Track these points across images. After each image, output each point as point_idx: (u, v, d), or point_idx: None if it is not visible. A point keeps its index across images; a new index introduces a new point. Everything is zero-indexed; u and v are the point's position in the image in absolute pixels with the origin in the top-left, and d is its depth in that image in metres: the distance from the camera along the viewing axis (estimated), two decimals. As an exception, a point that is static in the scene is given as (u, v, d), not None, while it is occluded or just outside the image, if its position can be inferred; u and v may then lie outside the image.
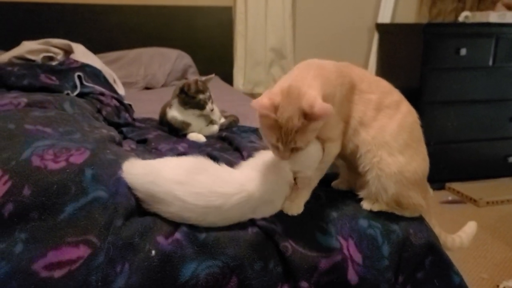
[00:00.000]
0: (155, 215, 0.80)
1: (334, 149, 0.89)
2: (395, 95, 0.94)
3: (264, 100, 0.76)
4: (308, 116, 0.75)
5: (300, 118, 0.75)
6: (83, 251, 0.71)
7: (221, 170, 0.86)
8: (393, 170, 0.87)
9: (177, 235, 0.76)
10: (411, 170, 0.88)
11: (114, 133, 1.09)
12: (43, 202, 0.74)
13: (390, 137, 0.88)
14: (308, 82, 0.80)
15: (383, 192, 0.88)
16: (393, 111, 0.91)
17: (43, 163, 0.79)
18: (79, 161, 0.81)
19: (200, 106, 1.39)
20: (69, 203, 0.75)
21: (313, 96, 0.76)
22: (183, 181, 0.79)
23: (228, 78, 3.01)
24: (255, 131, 1.41)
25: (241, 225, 0.82)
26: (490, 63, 2.64)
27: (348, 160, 0.96)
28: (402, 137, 0.89)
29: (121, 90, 1.91)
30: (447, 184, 2.74)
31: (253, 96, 2.88)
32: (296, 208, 0.87)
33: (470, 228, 1.07)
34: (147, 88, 2.66)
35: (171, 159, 0.88)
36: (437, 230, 0.97)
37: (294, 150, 0.80)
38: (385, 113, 0.90)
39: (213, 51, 3.00)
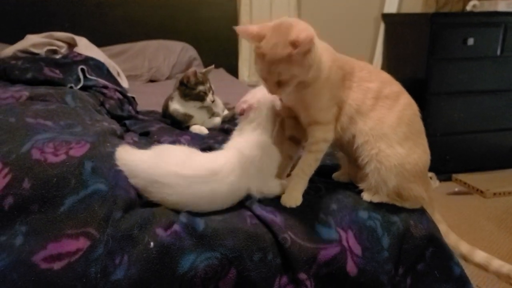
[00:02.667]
0: (154, 207, 0.81)
1: (322, 133, 0.87)
2: (394, 86, 0.93)
3: (252, 27, 0.76)
4: (293, 44, 0.73)
5: (285, 47, 0.73)
6: (82, 243, 0.72)
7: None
8: (393, 162, 0.86)
9: (176, 227, 0.77)
10: (411, 162, 0.87)
11: (115, 126, 1.09)
12: (43, 195, 0.75)
13: (389, 129, 0.87)
14: (306, 26, 0.78)
15: (383, 184, 0.87)
16: (393, 102, 0.90)
17: (43, 156, 0.79)
18: (79, 154, 0.82)
19: (200, 97, 1.39)
20: (68, 195, 0.76)
21: (305, 26, 0.76)
22: (184, 160, 0.82)
23: (233, 70, 3.00)
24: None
25: (240, 217, 0.82)
26: (498, 52, 2.59)
27: (346, 152, 0.96)
28: (401, 129, 0.88)
29: (124, 83, 1.92)
30: (454, 175, 2.72)
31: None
32: (294, 200, 0.87)
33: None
34: (151, 80, 2.66)
35: (166, 146, 0.93)
36: (442, 227, 0.94)
37: (281, 85, 0.78)
38: (384, 103, 0.89)
39: (218, 43, 2.99)
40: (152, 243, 0.74)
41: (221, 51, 3.01)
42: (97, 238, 0.73)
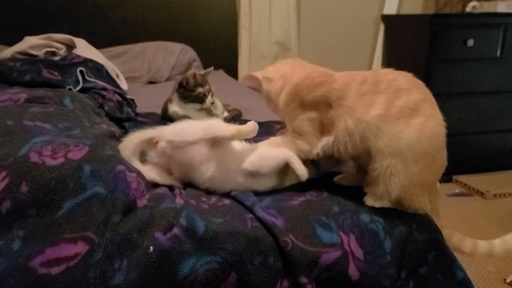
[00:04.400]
0: (153, 209, 0.80)
1: (301, 145, 0.92)
2: (414, 94, 0.85)
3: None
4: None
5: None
6: (81, 248, 0.71)
7: None
8: (402, 179, 0.83)
9: (176, 230, 0.76)
10: (421, 179, 0.84)
11: (114, 128, 1.08)
12: (41, 198, 0.74)
13: (405, 146, 0.82)
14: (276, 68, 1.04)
15: (387, 194, 0.86)
16: (411, 113, 0.83)
17: (41, 159, 0.78)
18: (78, 157, 0.81)
19: (200, 99, 1.39)
20: (67, 199, 0.75)
21: (272, 68, 1.04)
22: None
23: (232, 71, 3.00)
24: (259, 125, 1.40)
25: (241, 219, 0.81)
26: (498, 54, 2.59)
27: (356, 161, 0.95)
28: (420, 146, 0.82)
29: (124, 85, 1.91)
30: (454, 177, 2.71)
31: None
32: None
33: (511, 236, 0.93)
34: (151, 82, 2.65)
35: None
36: (446, 232, 0.92)
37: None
38: (400, 115, 0.83)
39: (217, 44, 2.99)
40: (151, 247, 0.73)
41: (220, 52, 3.00)
42: (95, 242, 0.72)
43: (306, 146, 0.92)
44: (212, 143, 0.92)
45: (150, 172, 0.92)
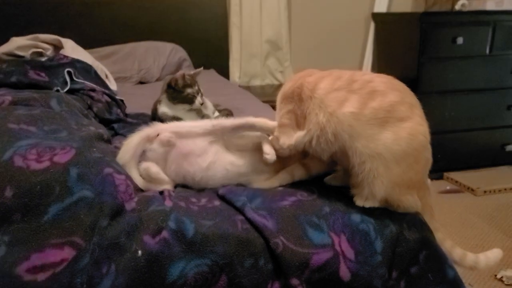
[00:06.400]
0: (142, 212, 0.79)
1: (280, 138, 0.95)
2: (389, 96, 0.84)
3: None
4: None
5: None
6: (67, 253, 0.70)
7: None
8: (385, 181, 0.82)
9: (164, 233, 0.75)
10: (405, 179, 0.84)
11: (102, 130, 1.07)
12: (26, 203, 0.72)
13: (383, 148, 0.81)
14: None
15: (372, 196, 0.85)
16: (386, 115, 0.82)
17: (26, 163, 0.77)
18: (64, 160, 0.79)
19: (189, 100, 1.37)
20: (53, 204, 0.73)
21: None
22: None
23: (224, 71, 2.99)
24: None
25: (231, 221, 0.81)
26: (487, 51, 2.61)
27: (339, 161, 0.94)
28: (399, 147, 0.81)
29: (113, 85, 1.89)
30: (445, 174, 2.73)
31: (249, 89, 2.85)
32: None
33: (493, 253, 0.93)
34: (141, 82, 2.63)
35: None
36: (439, 235, 0.91)
37: None
38: (374, 116, 0.82)
39: (208, 44, 2.97)
40: (140, 251, 0.72)
41: (211, 52, 2.99)
42: (82, 247, 0.71)
43: (283, 140, 0.94)
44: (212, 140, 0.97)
45: (153, 168, 0.93)
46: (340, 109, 0.84)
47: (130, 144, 0.95)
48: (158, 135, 0.96)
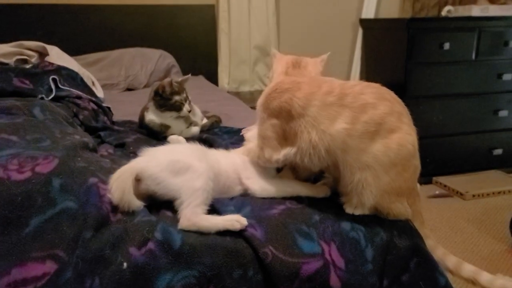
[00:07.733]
0: (127, 223, 0.76)
1: (263, 152, 0.94)
2: (380, 108, 0.83)
3: None
4: None
5: None
6: (49, 267, 0.68)
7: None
8: (374, 191, 0.83)
9: (150, 245, 0.73)
10: (395, 187, 0.84)
11: (87, 138, 1.05)
12: (6, 215, 0.70)
13: (373, 160, 0.81)
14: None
15: (361, 205, 0.85)
16: (376, 127, 0.82)
17: (7, 174, 0.74)
18: (46, 170, 0.77)
19: (177, 107, 1.35)
20: (34, 215, 0.71)
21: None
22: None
23: (213, 77, 2.97)
24: (238, 131, 1.38)
25: (219, 232, 0.79)
26: (473, 57, 2.64)
27: (329, 172, 0.94)
28: (388, 158, 0.81)
29: (100, 92, 1.86)
30: (434, 178, 2.74)
31: (238, 95, 2.84)
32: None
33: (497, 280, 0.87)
34: (129, 89, 2.60)
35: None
36: (430, 242, 0.91)
37: None
38: (366, 130, 0.82)
39: (196, 50, 2.96)
40: (125, 264, 0.70)
41: (200, 58, 2.97)
42: (65, 261, 0.69)
43: (268, 153, 0.92)
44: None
45: None
46: (332, 126, 0.83)
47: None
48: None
